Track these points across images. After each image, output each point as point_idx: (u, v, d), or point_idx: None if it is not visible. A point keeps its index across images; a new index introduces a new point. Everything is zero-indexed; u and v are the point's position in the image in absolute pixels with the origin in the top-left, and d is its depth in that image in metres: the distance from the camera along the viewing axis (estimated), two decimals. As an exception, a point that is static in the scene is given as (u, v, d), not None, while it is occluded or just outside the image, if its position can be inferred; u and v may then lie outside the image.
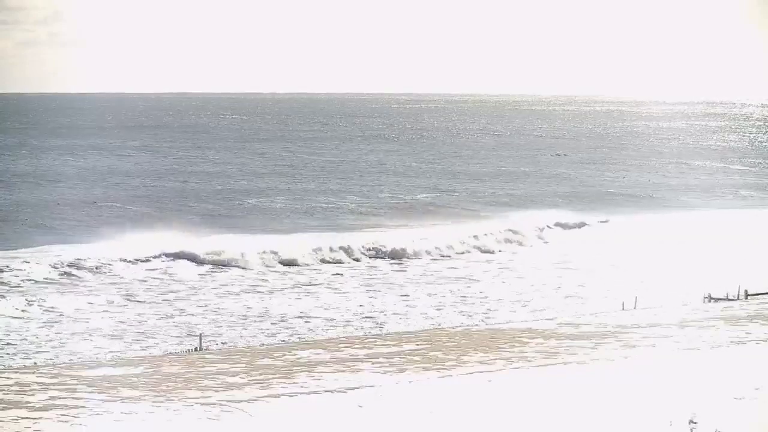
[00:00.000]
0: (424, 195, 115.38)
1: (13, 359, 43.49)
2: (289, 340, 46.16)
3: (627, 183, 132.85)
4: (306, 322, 52.21)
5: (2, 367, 38.85)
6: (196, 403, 26.49)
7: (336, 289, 61.95)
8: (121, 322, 51.68)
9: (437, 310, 55.63)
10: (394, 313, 54.50)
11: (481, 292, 60.77)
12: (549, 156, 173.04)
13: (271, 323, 51.71)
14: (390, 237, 78.52)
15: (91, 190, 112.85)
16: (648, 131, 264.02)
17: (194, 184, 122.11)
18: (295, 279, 64.95)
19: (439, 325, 49.92)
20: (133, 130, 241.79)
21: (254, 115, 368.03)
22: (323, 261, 71.14)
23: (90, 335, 48.46)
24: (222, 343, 46.22)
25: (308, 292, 60.44)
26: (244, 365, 31.90)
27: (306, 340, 43.68)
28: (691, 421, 23.24)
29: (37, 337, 48.00)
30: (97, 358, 40.64)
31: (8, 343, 46.71)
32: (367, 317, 53.57)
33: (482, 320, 51.62)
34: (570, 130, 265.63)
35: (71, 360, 40.64)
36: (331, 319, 52.81)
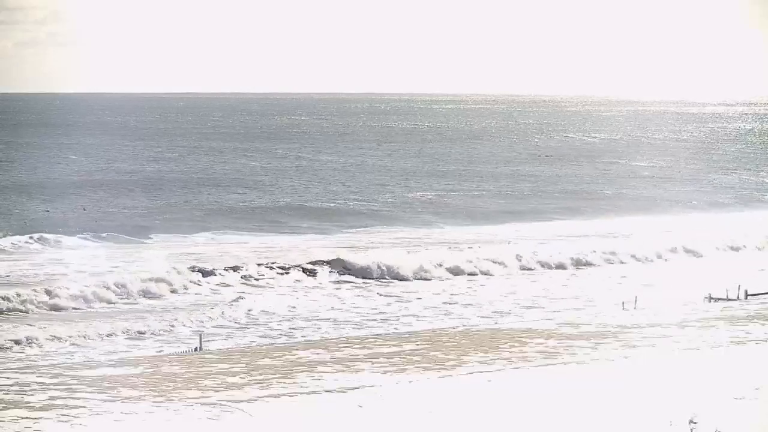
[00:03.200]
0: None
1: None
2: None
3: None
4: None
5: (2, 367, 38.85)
6: (196, 403, 26.51)
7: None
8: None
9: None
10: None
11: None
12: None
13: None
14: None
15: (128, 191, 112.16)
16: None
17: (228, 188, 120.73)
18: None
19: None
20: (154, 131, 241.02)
21: (260, 115, 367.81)
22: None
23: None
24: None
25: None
26: (244, 365, 31.91)
27: (306, 340, 43.67)
28: (691, 421, 23.25)
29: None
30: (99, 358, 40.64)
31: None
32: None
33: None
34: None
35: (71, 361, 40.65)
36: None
